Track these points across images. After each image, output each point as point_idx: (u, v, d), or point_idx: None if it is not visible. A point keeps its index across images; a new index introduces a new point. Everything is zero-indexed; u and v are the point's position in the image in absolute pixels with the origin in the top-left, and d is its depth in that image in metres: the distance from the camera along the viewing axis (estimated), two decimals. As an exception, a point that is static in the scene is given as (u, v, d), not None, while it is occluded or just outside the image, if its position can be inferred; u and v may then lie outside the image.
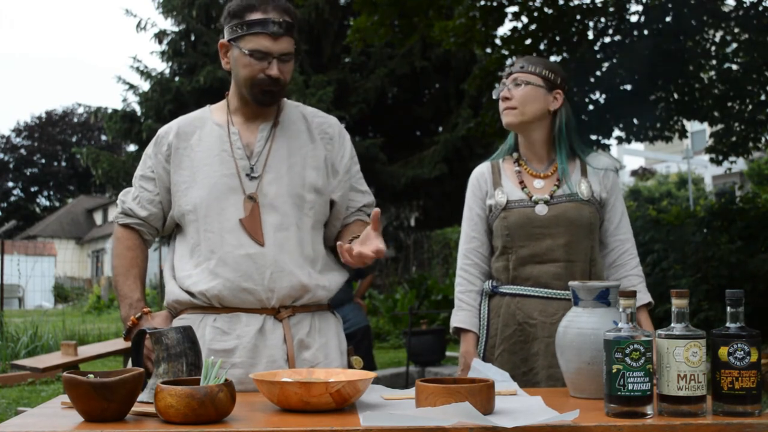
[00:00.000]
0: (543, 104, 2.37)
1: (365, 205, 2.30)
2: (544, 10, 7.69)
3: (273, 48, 2.09)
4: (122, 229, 2.25)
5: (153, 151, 2.24)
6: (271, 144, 2.17)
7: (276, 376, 1.74)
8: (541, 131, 2.40)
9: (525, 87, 2.35)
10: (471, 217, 2.45)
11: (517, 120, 2.37)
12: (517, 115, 2.36)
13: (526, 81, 2.36)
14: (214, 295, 2.08)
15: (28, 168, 42.55)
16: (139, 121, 11.33)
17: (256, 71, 2.10)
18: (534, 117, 2.37)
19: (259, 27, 2.08)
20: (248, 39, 2.10)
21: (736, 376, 1.54)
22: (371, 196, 2.33)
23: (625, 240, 2.40)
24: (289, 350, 2.09)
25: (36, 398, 7.06)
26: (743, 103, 8.44)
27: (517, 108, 2.36)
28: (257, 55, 2.09)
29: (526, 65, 2.39)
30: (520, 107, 2.36)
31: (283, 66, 2.12)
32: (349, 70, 11.61)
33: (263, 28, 2.08)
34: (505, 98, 2.38)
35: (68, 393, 1.52)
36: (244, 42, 2.10)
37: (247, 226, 2.09)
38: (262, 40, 2.09)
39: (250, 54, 2.09)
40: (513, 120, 2.38)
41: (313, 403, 1.58)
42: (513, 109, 2.36)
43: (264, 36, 2.08)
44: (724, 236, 8.48)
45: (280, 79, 2.11)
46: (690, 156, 21.46)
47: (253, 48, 2.09)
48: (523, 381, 2.21)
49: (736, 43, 8.16)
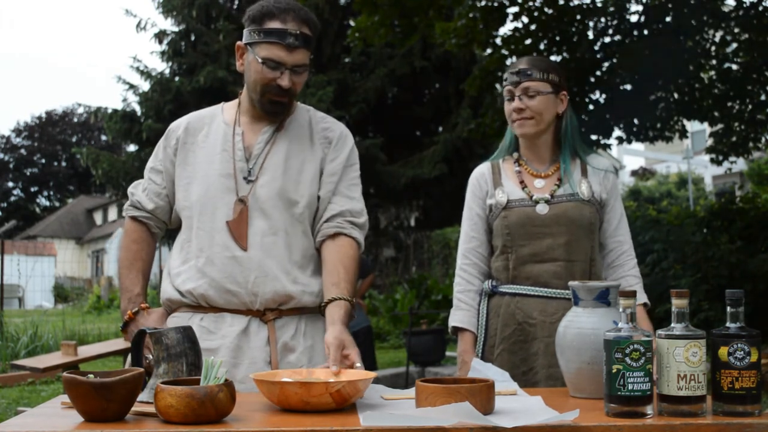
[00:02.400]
0: (554, 110, 2.37)
1: (349, 211, 2.18)
2: (544, 10, 7.69)
3: (287, 59, 2.08)
4: (130, 221, 2.27)
5: (163, 144, 2.26)
6: (271, 147, 2.17)
7: (276, 376, 1.74)
8: (549, 134, 2.41)
9: (538, 97, 2.34)
10: (471, 217, 2.45)
11: (533, 130, 2.37)
12: (533, 126, 2.36)
13: (538, 91, 2.34)
14: (200, 294, 2.09)
15: (28, 168, 42.56)
16: (139, 121, 11.34)
17: (267, 80, 2.10)
18: (548, 124, 2.38)
19: (275, 37, 2.07)
20: (264, 47, 2.08)
21: (736, 376, 1.54)
22: (360, 204, 2.21)
23: (624, 241, 2.40)
24: (273, 353, 2.08)
25: (36, 398, 7.06)
26: (743, 103, 8.44)
27: (533, 118, 2.35)
28: (270, 64, 2.08)
29: (534, 72, 2.35)
30: (536, 117, 2.35)
31: (295, 77, 2.11)
32: (349, 70, 11.62)
33: (279, 38, 2.06)
34: (518, 109, 2.36)
35: (68, 393, 1.52)
36: (260, 49, 2.09)
37: (233, 229, 2.09)
38: (276, 50, 2.07)
39: (263, 62, 2.08)
40: (529, 131, 2.37)
41: (313, 403, 1.58)
42: (529, 119, 2.36)
43: (279, 46, 2.07)
44: (724, 236, 8.48)
45: (291, 90, 2.11)
46: (690, 156, 21.47)
47: (267, 56, 2.08)
48: (523, 381, 2.20)
49: (736, 43, 8.16)
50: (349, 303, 2.04)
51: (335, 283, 2.07)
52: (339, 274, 2.09)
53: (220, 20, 11.66)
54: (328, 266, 2.12)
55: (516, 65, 2.39)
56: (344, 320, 2.00)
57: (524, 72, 2.35)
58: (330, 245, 2.14)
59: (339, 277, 2.08)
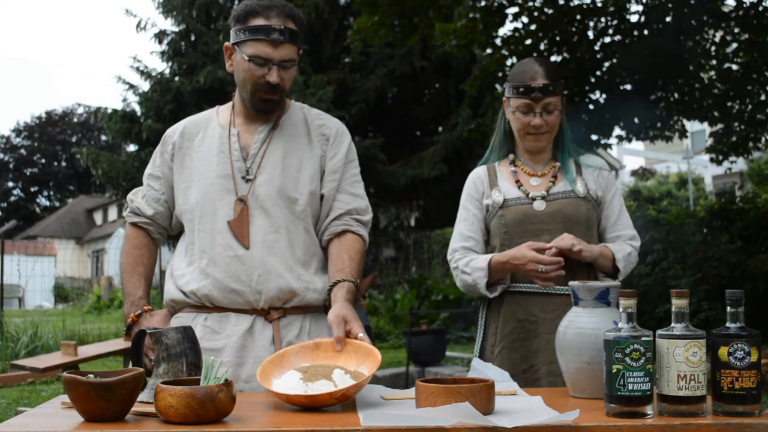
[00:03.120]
0: (560, 119, 2.40)
1: (356, 209, 2.20)
2: (544, 10, 7.70)
3: (273, 55, 2.09)
4: (131, 227, 2.28)
5: (160, 150, 2.27)
6: (268, 146, 2.17)
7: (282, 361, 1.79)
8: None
9: (556, 112, 2.36)
10: (467, 218, 2.44)
11: (547, 143, 2.41)
12: (547, 139, 2.40)
13: (557, 106, 2.35)
14: (204, 295, 2.10)
15: (28, 168, 42.58)
16: (139, 121, 11.34)
17: (255, 77, 2.11)
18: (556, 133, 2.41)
19: (260, 33, 2.08)
20: (249, 44, 2.10)
21: (736, 376, 1.54)
22: (364, 201, 2.23)
23: (624, 233, 2.40)
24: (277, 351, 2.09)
25: (36, 398, 7.06)
26: (743, 103, 8.44)
27: (548, 132, 2.38)
28: (257, 60, 2.09)
29: (555, 86, 2.32)
30: (551, 131, 2.38)
31: (283, 73, 2.11)
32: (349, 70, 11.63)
33: (264, 34, 2.08)
34: (538, 125, 2.35)
35: (68, 393, 1.52)
36: (246, 47, 2.10)
37: (234, 228, 2.10)
38: (262, 47, 2.08)
39: (250, 60, 2.09)
40: (544, 144, 2.41)
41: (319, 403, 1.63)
42: (544, 134, 2.37)
43: (264, 42, 2.08)
44: (724, 236, 8.49)
45: (279, 86, 2.11)
46: (690, 156, 21.47)
47: (253, 54, 2.09)
48: (524, 378, 2.21)
49: (736, 43, 8.16)
50: (352, 284, 2.06)
51: (340, 269, 2.10)
52: (344, 262, 2.12)
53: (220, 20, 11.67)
54: (334, 258, 2.14)
55: (532, 76, 2.33)
56: (346, 297, 2.02)
57: (546, 88, 2.32)
58: (336, 242, 2.17)
59: (344, 264, 2.11)
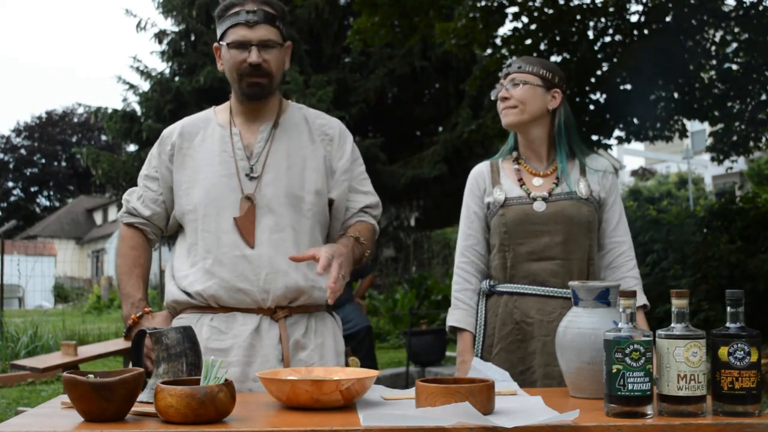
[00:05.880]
0: (542, 103, 2.38)
1: (367, 206, 2.28)
2: (544, 10, 7.69)
3: (250, 36, 2.12)
4: (126, 228, 2.27)
5: (157, 150, 2.26)
6: (271, 145, 2.18)
7: (278, 375, 1.75)
8: (541, 130, 2.41)
9: (523, 86, 2.37)
10: (468, 215, 2.45)
11: (517, 119, 2.38)
12: (516, 114, 2.37)
13: (524, 81, 2.37)
14: (210, 295, 2.09)
15: (28, 168, 42.55)
16: (139, 121, 11.33)
17: (238, 62, 2.13)
18: (533, 116, 2.38)
19: (234, 18, 2.13)
20: (229, 34, 2.14)
21: (736, 376, 1.54)
22: (374, 198, 2.31)
23: (623, 242, 2.39)
24: (285, 350, 2.09)
25: (36, 398, 7.05)
26: (743, 103, 8.44)
27: (516, 107, 2.37)
28: (236, 44, 2.12)
29: (524, 65, 2.40)
30: (519, 106, 2.37)
31: (265, 53, 2.13)
32: (349, 70, 11.61)
33: (238, 18, 2.12)
34: (503, 98, 2.39)
35: (68, 393, 1.52)
36: (226, 38, 2.15)
37: (240, 226, 2.10)
38: (239, 30, 2.12)
39: (229, 45, 2.13)
40: (513, 119, 2.38)
41: (323, 400, 1.59)
42: (512, 108, 2.38)
43: (240, 26, 2.12)
44: (724, 236, 8.48)
45: (262, 66, 2.12)
46: (690, 156, 21.47)
47: (232, 39, 2.13)
48: (521, 380, 2.20)
49: (736, 43, 8.16)
50: (354, 238, 2.13)
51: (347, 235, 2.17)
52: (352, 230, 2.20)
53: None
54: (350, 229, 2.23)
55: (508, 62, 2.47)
56: (343, 242, 2.08)
57: (513, 64, 2.42)
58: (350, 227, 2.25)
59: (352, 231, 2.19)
